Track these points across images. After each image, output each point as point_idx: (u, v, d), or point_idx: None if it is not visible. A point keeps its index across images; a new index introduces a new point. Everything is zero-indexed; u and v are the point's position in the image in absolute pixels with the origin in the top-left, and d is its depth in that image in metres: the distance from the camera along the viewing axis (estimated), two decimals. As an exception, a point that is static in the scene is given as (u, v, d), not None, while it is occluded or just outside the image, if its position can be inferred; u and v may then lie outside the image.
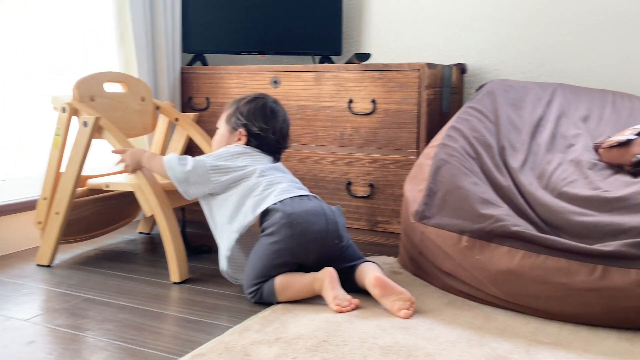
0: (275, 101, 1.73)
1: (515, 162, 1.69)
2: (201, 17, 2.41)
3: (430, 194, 1.59)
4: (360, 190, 2.12)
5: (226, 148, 1.66)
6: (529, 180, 1.63)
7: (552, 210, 1.51)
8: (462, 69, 2.26)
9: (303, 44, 2.41)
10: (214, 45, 2.44)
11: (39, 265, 1.79)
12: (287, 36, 2.41)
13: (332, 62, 2.41)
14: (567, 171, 1.64)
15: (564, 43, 2.20)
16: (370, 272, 1.46)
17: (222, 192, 1.58)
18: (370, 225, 2.11)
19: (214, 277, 1.70)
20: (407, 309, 1.38)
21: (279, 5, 2.40)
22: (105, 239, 2.12)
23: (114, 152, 1.65)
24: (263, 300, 1.46)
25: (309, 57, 2.53)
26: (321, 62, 2.43)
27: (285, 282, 1.44)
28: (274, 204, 1.49)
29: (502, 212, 1.46)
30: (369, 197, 2.10)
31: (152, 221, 2.21)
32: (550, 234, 1.44)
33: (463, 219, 1.48)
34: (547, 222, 1.52)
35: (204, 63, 2.49)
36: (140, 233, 2.21)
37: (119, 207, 2.08)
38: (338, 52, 2.40)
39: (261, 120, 1.66)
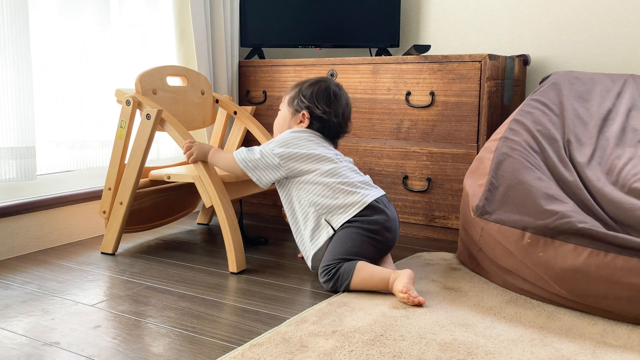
0: (338, 85, 1.72)
1: (581, 156, 1.62)
2: (259, 11, 2.44)
3: (491, 188, 1.55)
4: (418, 184, 2.08)
5: (289, 134, 1.64)
6: (596, 176, 1.56)
7: (622, 207, 1.44)
8: (524, 60, 2.19)
9: (360, 37, 2.39)
10: (271, 38, 2.46)
11: (103, 253, 1.86)
12: (344, 29, 2.40)
13: (390, 55, 2.38)
14: (638, 166, 1.56)
15: (635, 33, 2.09)
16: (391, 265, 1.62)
17: (297, 175, 1.58)
18: (427, 220, 2.08)
19: (270, 268, 1.72)
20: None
21: (337, -2, 2.39)
22: (166, 229, 2.18)
23: (185, 144, 1.68)
24: (335, 277, 1.47)
25: (366, 50, 2.51)
26: (378, 54, 2.40)
27: (366, 265, 1.48)
28: (376, 200, 1.55)
29: (567, 208, 1.40)
30: (426, 191, 2.06)
31: (210, 212, 2.26)
32: (619, 232, 1.37)
33: (526, 214, 1.43)
34: (615, 219, 1.45)
35: (261, 57, 2.51)
36: (199, 224, 2.26)
37: (179, 198, 2.13)
38: (396, 44, 2.37)
39: (324, 103, 1.66)
